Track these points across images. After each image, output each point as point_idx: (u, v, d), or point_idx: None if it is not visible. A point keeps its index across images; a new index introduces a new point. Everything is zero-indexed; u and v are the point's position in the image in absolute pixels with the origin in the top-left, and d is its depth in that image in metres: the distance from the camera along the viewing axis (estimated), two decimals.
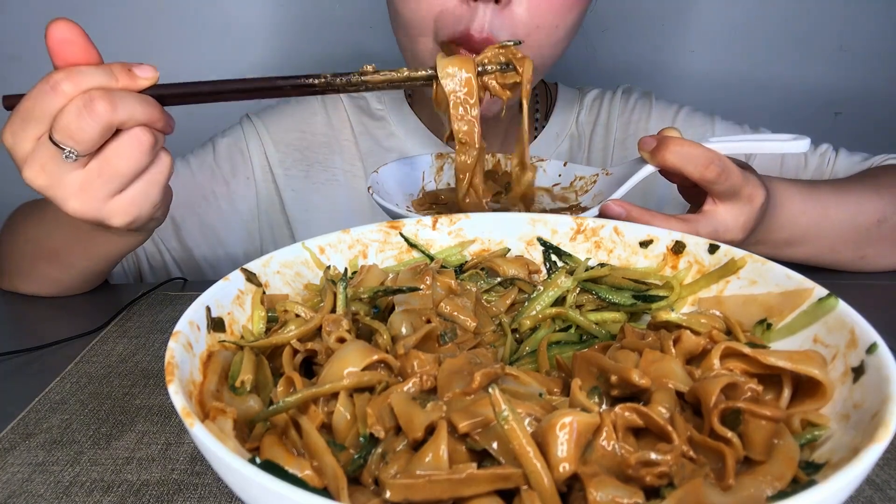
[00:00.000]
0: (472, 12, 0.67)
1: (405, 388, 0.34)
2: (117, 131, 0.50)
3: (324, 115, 0.93)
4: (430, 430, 0.31)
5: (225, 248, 0.90)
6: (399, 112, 0.93)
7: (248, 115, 0.93)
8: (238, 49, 1.24)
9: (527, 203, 0.66)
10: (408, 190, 0.70)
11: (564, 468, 0.28)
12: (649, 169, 0.60)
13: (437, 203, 0.68)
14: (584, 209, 0.65)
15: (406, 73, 0.57)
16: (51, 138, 0.49)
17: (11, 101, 0.51)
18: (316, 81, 0.55)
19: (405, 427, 0.31)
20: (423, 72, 0.57)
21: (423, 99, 0.92)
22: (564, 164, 0.72)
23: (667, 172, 0.61)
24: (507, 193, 0.70)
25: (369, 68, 0.56)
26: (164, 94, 0.52)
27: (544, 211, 0.66)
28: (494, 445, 0.30)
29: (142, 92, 0.51)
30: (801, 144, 0.60)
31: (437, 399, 0.33)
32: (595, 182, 0.69)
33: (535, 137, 0.93)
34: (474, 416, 0.30)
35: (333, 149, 0.92)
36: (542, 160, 0.73)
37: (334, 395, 0.34)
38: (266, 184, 0.91)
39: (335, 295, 0.44)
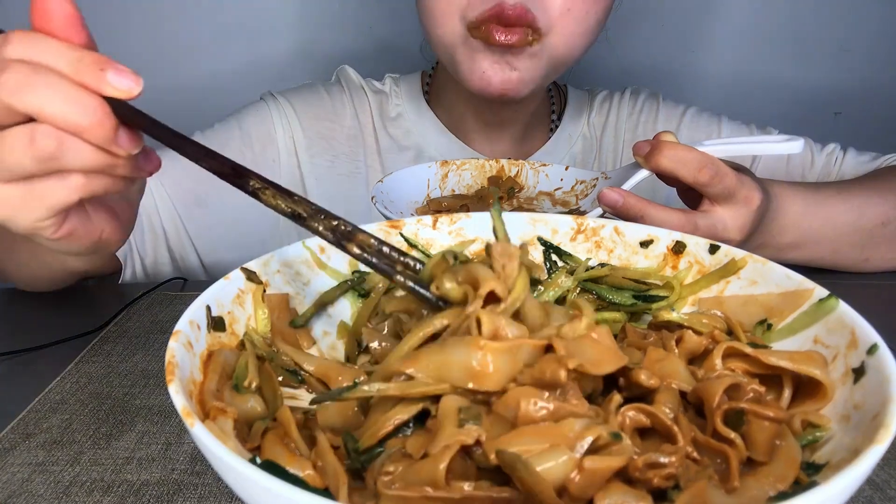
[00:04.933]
0: None
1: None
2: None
3: (352, 109, 0.92)
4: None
5: (242, 233, 0.86)
6: (417, 110, 0.92)
7: (272, 94, 0.90)
8: (257, 41, 1.23)
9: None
10: (413, 198, 0.70)
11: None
12: (644, 173, 0.61)
13: (440, 211, 0.68)
14: (584, 213, 0.65)
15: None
16: None
17: None
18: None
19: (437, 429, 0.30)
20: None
21: (441, 96, 0.91)
22: (566, 169, 0.73)
23: (663, 176, 0.61)
24: (510, 199, 0.71)
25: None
26: (126, 115, 0.39)
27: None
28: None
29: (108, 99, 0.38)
30: (794, 145, 0.60)
31: (482, 418, 0.30)
32: (595, 186, 0.69)
33: (550, 138, 0.93)
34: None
35: (358, 142, 0.91)
36: (545, 165, 0.74)
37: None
38: (290, 168, 0.89)
39: None
